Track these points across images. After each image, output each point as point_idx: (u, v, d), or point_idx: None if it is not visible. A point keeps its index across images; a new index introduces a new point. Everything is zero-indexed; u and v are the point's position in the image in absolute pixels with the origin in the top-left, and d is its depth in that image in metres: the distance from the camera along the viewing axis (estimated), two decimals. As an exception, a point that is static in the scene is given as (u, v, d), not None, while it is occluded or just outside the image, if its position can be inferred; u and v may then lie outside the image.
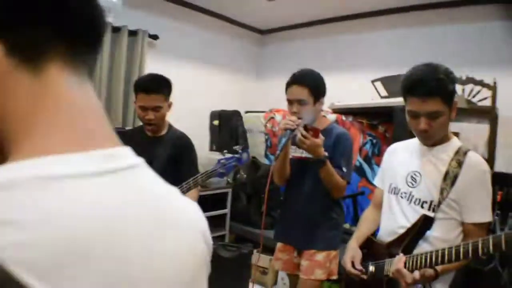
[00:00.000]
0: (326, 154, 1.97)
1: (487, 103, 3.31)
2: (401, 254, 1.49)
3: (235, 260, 3.16)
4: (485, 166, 1.53)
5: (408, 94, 1.51)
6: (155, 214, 0.48)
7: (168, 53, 4.12)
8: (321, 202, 2.15)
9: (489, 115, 3.22)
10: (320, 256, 2.14)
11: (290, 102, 2.09)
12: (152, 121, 2.17)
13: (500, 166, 3.35)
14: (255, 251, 3.58)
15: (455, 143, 1.59)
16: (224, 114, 4.16)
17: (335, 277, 2.21)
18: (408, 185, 1.63)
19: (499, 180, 3.05)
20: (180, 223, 0.52)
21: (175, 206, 0.53)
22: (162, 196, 0.52)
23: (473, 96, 3.55)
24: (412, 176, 1.63)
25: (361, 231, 1.87)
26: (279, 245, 2.35)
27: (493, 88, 3.27)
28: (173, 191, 0.54)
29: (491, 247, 1.16)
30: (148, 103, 2.12)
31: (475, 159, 1.52)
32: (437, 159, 1.57)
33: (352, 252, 1.76)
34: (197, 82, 4.41)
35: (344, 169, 2.08)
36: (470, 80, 3.47)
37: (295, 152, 2.20)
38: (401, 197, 1.65)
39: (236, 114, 4.09)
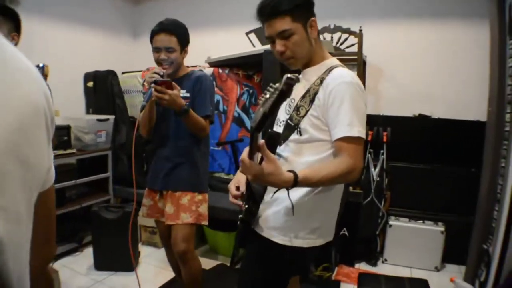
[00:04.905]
0: (186, 103, 2.02)
1: (355, 50, 3.50)
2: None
3: (120, 221, 3.04)
4: (348, 78, 1.40)
5: (261, 22, 1.48)
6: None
7: (33, 12, 3.69)
8: (184, 143, 2.19)
9: (357, 60, 3.41)
10: (185, 199, 2.18)
11: (158, 50, 2.11)
12: None
13: (370, 109, 3.60)
14: (140, 212, 3.48)
15: (328, 63, 1.51)
16: (98, 75, 3.93)
17: (205, 222, 2.25)
18: (286, 113, 1.55)
19: (369, 122, 3.27)
20: (22, 72, 0.55)
21: (22, 62, 0.56)
22: (11, 49, 0.55)
23: (341, 43, 3.75)
24: (289, 104, 1.55)
25: None
26: (145, 191, 2.35)
27: (359, 35, 3.46)
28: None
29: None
30: None
31: (337, 73, 1.42)
32: (307, 81, 1.50)
33: (238, 176, 1.63)
34: (68, 43, 4.03)
35: (210, 108, 2.16)
36: (338, 29, 3.65)
37: None
38: (279, 126, 1.57)
39: (111, 74, 3.87)
